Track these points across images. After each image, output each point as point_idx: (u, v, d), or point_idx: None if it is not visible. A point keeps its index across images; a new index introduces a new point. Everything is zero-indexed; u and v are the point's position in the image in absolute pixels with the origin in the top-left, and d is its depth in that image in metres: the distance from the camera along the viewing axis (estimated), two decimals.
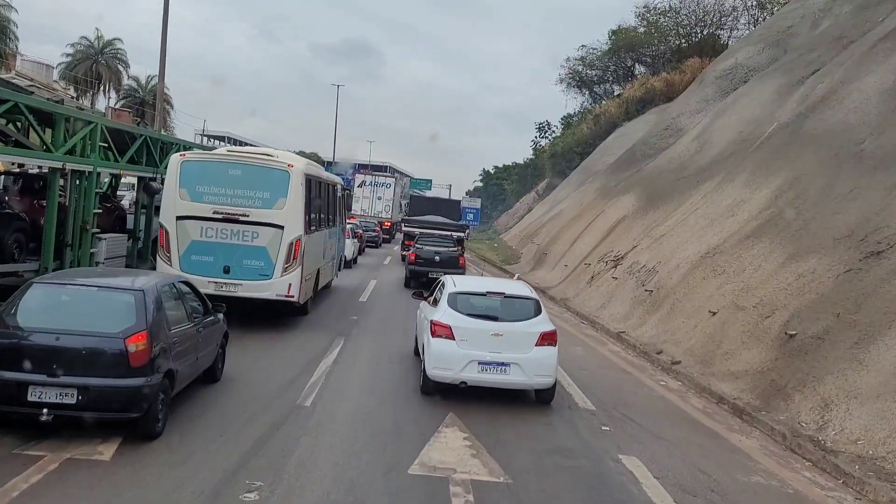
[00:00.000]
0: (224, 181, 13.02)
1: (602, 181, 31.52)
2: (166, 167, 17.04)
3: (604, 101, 71.04)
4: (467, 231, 36.73)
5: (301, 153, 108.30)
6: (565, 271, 25.08)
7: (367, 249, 40.85)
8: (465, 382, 9.64)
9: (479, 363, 9.58)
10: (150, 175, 16.23)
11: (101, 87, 73.24)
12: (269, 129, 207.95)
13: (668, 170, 25.15)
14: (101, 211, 13.92)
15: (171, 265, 12.84)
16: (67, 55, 73.15)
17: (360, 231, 38.36)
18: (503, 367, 9.61)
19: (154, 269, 17.20)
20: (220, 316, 9.93)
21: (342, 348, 12.54)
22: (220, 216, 12.84)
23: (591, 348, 15.11)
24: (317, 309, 16.81)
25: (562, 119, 72.81)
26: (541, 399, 10.20)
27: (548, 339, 9.87)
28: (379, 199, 51.04)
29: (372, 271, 27.54)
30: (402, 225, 34.31)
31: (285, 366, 11.03)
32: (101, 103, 73.57)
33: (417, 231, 27.57)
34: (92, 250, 13.49)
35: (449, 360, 9.65)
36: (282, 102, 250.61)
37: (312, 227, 14.60)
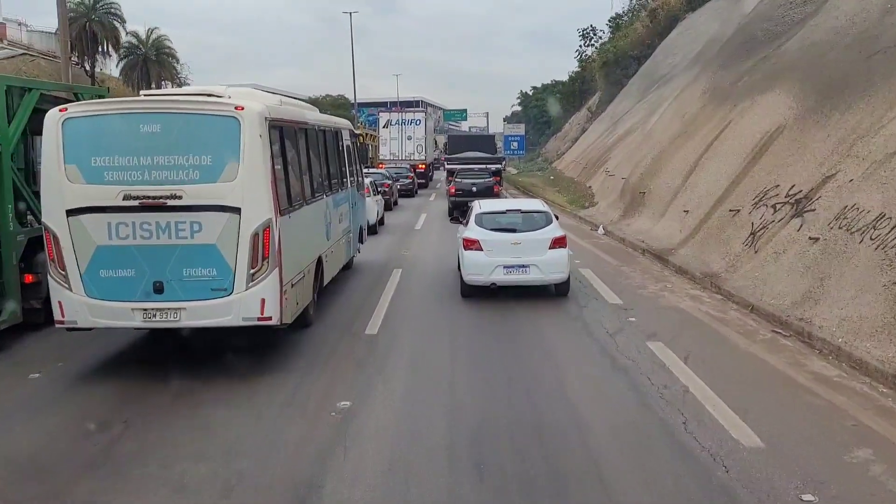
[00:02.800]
0: (136, 145, 8.18)
1: (708, 80, 21.82)
2: None
3: None
4: (504, 162, 40.77)
5: (327, 97, 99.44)
6: (688, 221, 16.04)
7: (400, 201, 32.38)
8: (494, 284, 11.50)
9: (504, 267, 11.38)
10: None
11: (99, 48, 65.37)
12: (297, 77, 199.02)
13: (840, 45, 15.53)
14: None
15: (70, 288, 8.14)
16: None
17: (389, 181, 29.89)
18: (524, 269, 11.39)
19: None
20: None
21: None
22: (135, 203, 8.11)
23: (885, 442, 6.36)
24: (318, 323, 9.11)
25: (609, 21, 61.65)
26: (559, 291, 11.91)
27: (559, 242, 11.59)
28: (409, 138, 42.30)
29: (399, 242, 19.00)
30: (445, 163, 36.82)
31: None
32: (108, 66, 66.10)
33: (458, 167, 30.48)
34: None
35: (480, 267, 11.48)
36: (308, 48, 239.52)
37: (297, 200, 9.74)
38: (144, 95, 10.00)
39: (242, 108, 8.40)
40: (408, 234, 20.85)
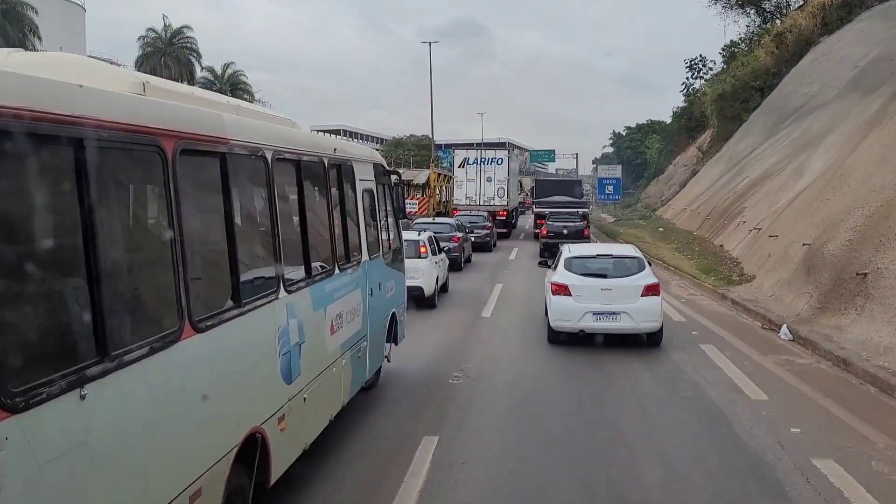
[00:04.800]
0: None
1: None
2: None
3: (778, 20, 51.19)
4: (590, 207, 41.51)
5: (411, 137, 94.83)
6: None
7: (473, 256, 25.30)
8: (583, 330, 11.01)
9: (594, 314, 10.89)
10: None
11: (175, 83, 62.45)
12: (386, 119, 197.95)
13: None
14: None
15: None
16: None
17: (458, 234, 22.89)
18: (614, 316, 10.87)
19: None
20: None
21: None
22: None
23: None
24: None
25: (722, 50, 53.34)
26: (651, 341, 11.20)
27: (652, 290, 10.98)
28: (489, 180, 35.43)
29: (457, 340, 11.81)
30: (534, 207, 36.93)
31: None
32: None
33: (547, 211, 30.98)
34: None
35: (568, 313, 11.04)
36: (396, 91, 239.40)
37: (132, 340, 3.61)
38: None
39: None
40: (473, 324, 13.65)
